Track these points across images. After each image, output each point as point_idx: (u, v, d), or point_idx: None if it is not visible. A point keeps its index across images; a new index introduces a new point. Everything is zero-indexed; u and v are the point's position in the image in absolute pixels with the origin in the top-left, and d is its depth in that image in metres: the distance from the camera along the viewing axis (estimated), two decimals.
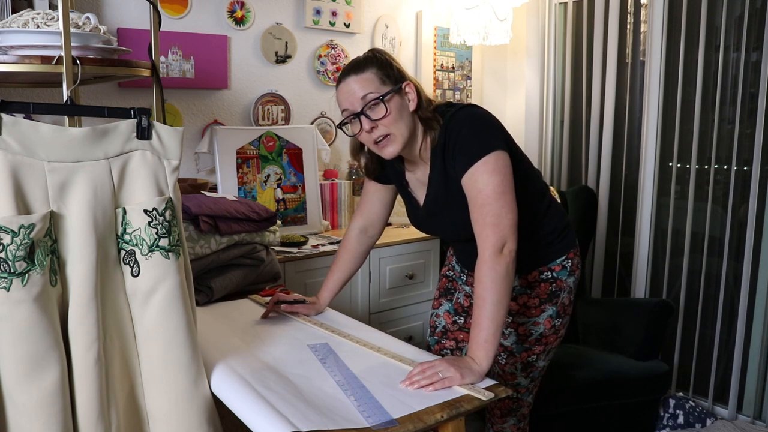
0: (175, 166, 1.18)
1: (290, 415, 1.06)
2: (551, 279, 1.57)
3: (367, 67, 1.40)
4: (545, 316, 1.58)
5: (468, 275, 1.73)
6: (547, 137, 3.41)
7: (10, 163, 1.02)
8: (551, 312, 1.58)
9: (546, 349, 1.61)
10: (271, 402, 1.11)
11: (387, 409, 1.11)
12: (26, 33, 1.37)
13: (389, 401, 1.14)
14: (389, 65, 1.42)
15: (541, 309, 1.58)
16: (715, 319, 2.72)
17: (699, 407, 2.63)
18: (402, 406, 1.12)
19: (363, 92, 1.38)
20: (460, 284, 1.77)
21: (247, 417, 1.10)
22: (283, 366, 1.29)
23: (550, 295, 1.58)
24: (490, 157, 1.34)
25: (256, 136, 2.57)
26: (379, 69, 1.39)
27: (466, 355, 1.28)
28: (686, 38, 2.73)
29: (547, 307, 1.58)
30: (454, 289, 1.80)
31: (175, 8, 2.45)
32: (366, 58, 1.43)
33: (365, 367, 1.29)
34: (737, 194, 2.64)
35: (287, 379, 1.22)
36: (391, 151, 1.42)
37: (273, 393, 1.15)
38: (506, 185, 1.34)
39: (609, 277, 3.16)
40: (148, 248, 1.13)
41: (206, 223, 1.73)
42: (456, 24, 3.01)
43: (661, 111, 2.83)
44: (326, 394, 1.17)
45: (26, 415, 1.03)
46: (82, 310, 1.07)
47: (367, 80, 1.38)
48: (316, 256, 2.29)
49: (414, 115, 1.44)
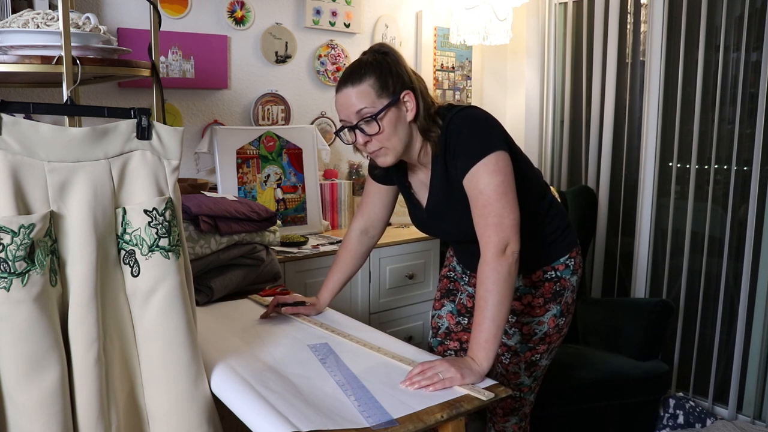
0: (175, 166, 1.18)
1: (290, 415, 1.06)
2: (555, 278, 1.57)
3: (364, 77, 1.36)
4: (549, 315, 1.58)
5: (471, 276, 1.73)
6: (547, 137, 3.41)
7: (10, 163, 1.02)
8: (555, 311, 1.58)
9: (549, 348, 1.61)
10: (271, 402, 1.11)
11: (387, 409, 1.11)
12: (26, 33, 1.37)
13: (389, 401, 1.14)
14: (389, 72, 1.37)
15: (546, 308, 1.57)
16: (715, 319, 2.72)
17: (699, 407, 2.63)
18: (402, 406, 1.12)
19: (358, 106, 1.36)
20: (463, 285, 1.77)
21: (248, 417, 1.10)
22: (283, 366, 1.29)
23: (555, 294, 1.58)
24: (491, 157, 1.34)
25: (256, 136, 2.57)
26: (377, 79, 1.36)
27: (466, 356, 1.28)
28: (686, 38, 2.73)
29: (551, 307, 1.58)
30: (456, 289, 1.79)
31: (175, 8, 2.45)
32: (366, 64, 1.38)
33: (365, 367, 1.29)
34: (737, 194, 2.64)
35: (287, 379, 1.22)
36: (386, 162, 1.43)
37: (273, 393, 1.15)
38: (507, 185, 1.34)
39: (609, 277, 3.16)
40: (148, 248, 1.13)
41: (206, 223, 1.73)
42: (456, 24, 3.01)
43: (661, 111, 2.83)
44: (326, 394, 1.17)
45: (26, 415, 1.03)
46: (82, 310, 1.07)
47: (363, 93, 1.35)
48: (316, 256, 2.29)
49: (412, 125, 1.42)
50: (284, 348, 1.39)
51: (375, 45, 1.45)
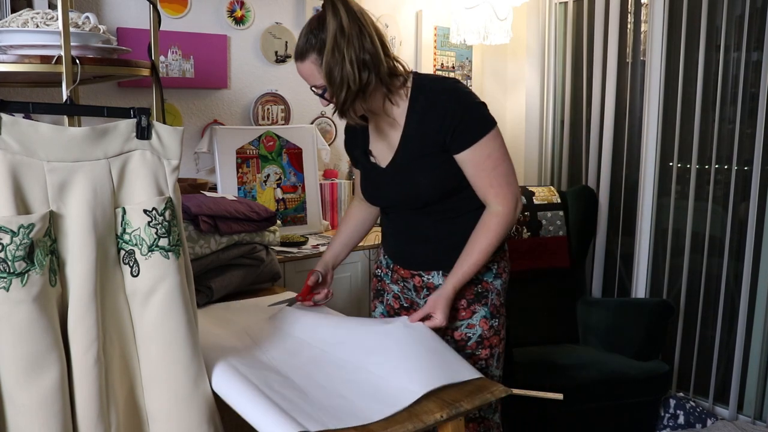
0: (174, 166, 1.18)
1: (297, 415, 1.05)
2: (476, 280, 1.55)
3: (306, 54, 1.41)
4: (479, 317, 1.56)
5: (394, 271, 1.68)
6: (547, 137, 3.40)
7: (10, 162, 1.02)
8: (484, 312, 1.56)
9: (493, 353, 1.58)
10: (276, 402, 1.10)
11: (392, 401, 1.11)
12: (26, 32, 1.36)
13: (393, 392, 1.15)
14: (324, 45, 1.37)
15: (472, 310, 1.56)
16: (716, 319, 2.72)
17: (699, 407, 2.63)
18: (407, 393, 1.14)
19: (310, 81, 1.45)
20: (388, 283, 1.72)
21: (254, 417, 1.09)
22: (285, 365, 1.28)
23: (477, 295, 1.56)
24: (494, 129, 1.47)
25: (255, 136, 2.57)
26: (318, 55, 1.39)
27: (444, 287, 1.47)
28: (687, 38, 2.73)
29: (477, 308, 1.56)
30: (383, 289, 1.74)
31: (175, 8, 2.45)
32: (305, 42, 1.41)
33: (368, 362, 1.29)
34: (738, 194, 2.64)
35: (290, 379, 1.22)
36: (352, 117, 1.47)
37: (277, 393, 1.14)
38: (506, 151, 1.49)
39: (609, 277, 3.16)
40: (147, 248, 1.13)
41: (206, 223, 1.73)
42: (456, 23, 3.00)
43: (662, 111, 2.83)
44: (331, 393, 1.16)
45: (26, 415, 1.03)
46: (81, 310, 1.07)
47: (308, 71, 1.43)
48: (316, 256, 2.28)
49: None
50: (286, 347, 1.39)
51: (321, 6, 1.43)
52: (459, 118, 1.44)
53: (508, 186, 1.47)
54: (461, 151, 1.45)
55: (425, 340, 1.33)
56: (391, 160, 1.54)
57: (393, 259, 1.68)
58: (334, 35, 1.36)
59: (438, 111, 1.45)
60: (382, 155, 1.57)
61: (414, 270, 1.61)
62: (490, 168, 1.46)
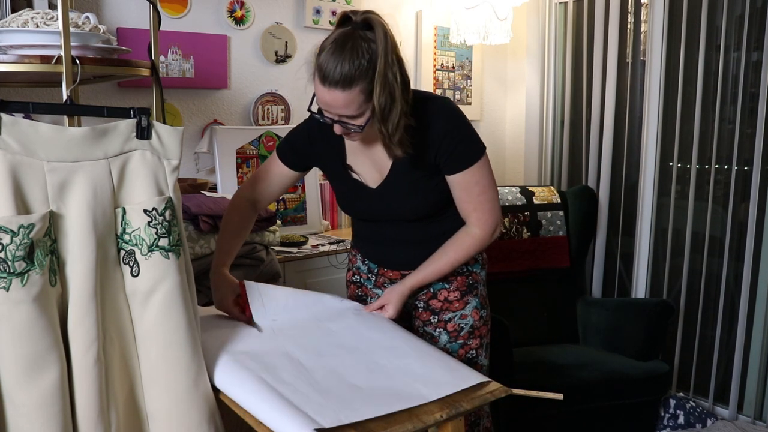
0: (174, 166, 1.18)
1: (308, 409, 1.03)
2: (466, 272, 1.61)
3: (356, 82, 1.29)
4: (471, 307, 1.60)
5: (378, 275, 1.66)
6: (547, 137, 3.40)
7: (10, 162, 1.02)
8: (476, 303, 1.61)
9: (482, 343, 1.61)
10: (286, 396, 1.08)
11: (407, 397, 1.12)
12: (26, 32, 1.36)
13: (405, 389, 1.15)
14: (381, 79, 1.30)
15: (465, 301, 1.60)
16: (716, 319, 2.72)
17: (699, 407, 2.63)
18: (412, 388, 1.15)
19: (345, 112, 1.33)
20: (371, 288, 1.68)
21: (263, 415, 1.06)
22: (293, 353, 1.26)
23: (469, 287, 1.61)
24: (484, 157, 1.49)
25: (255, 136, 2.57)
26: (368, 84, 1.30)
27: (403, 282, 1.51)
28: (687, 38, 2.73)
29: (469, 299, 1.60)
30: (366, 294, 1.70)
31: (175, 8, 2.45)
32: (356, 68, 1.29)
33: (379, 355, 1.28)
34: (738, 194, 2.64)
35: (300, 363, 1.20)
36: (353, 140, 1.46)
37: (287, 385, 1.12)
38: (493, 177, 1.54)
39: (609, 277, 3.16)
40: (147, 248, 1.13)
41: (206, 222, 1.73)
42: (456, 23, 3.00)
43: (662, 111, 2.83)
44: (343, 381, 1.15)
45: (26, 415, 1.03)
46: (81, 310, 1.07)
47: (351, 101, 1.31)
48: (316, 256, 2.29)
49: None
50: (287, 346, 1.37)
51: (359, 17, 1.37)
52: (455, 141, 1.44)
53: (490, 212, 1.49)
54: (452, 174, 1.47)
55: (428, 347, 1.34)
56: (382, 182, 1.51)
57: (378, 263, 1.65)
58: (385, 58, 1.31)
59: (432, 133, 1.43)
60: (368, 174, 1.53)
61: (405, 270, 1.59)
62: (476, 193, 1.48)
